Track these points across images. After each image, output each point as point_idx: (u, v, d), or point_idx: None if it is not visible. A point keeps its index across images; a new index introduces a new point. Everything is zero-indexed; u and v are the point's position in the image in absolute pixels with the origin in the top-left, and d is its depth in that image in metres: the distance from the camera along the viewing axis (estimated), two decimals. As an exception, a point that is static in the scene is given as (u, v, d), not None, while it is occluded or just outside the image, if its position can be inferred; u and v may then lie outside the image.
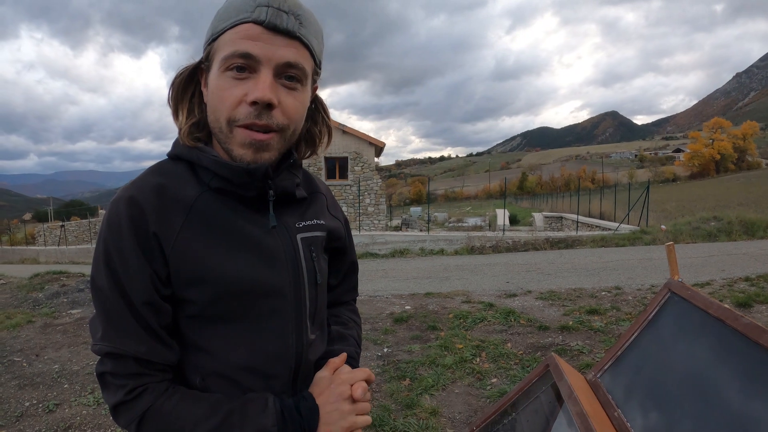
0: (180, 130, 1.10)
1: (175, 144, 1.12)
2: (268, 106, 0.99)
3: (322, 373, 1.16)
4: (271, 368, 1.10)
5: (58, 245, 33.62)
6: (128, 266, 0.99)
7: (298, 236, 1.16)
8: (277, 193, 1.11)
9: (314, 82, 1.13)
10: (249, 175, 1.03)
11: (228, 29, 1.00)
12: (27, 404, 4.71)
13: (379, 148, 25.95)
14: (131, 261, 0.99)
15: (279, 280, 1.10)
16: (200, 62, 1.09)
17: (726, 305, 1.32)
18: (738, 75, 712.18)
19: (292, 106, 1.03)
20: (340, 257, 1.40)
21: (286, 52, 1.00)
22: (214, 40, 1.03)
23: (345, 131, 24.53)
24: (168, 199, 1.03)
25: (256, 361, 1.09)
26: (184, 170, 1.09)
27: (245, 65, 0.98)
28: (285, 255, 1.12)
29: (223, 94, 1.00)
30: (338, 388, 1.11)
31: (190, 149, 1.08)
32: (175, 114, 1.10)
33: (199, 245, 1.03)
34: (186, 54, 1.11)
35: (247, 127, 1.00)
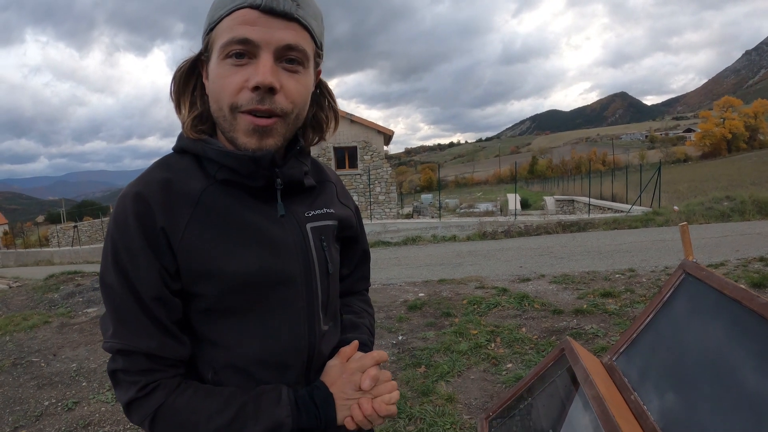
0: (183, 123, 1.09)
1: (180, 137, 1.11)
2: (270, 91, 0.98)
3: (333, 362, 1.15)
4: (283, 360, 1.10)
5: (72, 246, 33.87)
6: (136, 262, 0.98)
7: (308, 225, 1.15)
8: (285, 181, 1.10)
9: (317, 65, 1.11)
10: (255, 163, 1.02)
11: (225, 17, 0.98)
12: (46, 403, 4.76)
13: (387, 137, 25.93)
14: (139, 257, 0.98)
15: (289, 270, 1.09)
16: (200, 54, 1.08)
17: (741, 285, 1.31)
18: (748, 53, 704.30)
19: (295, 89, 1.02)
20: (351, 246, 1.39)
21: (285, 34, 0.98)
22: (212, 29, 1.02)
23: (353, 120, 24.51)
24: (174, 194, 1.02)
25: (268, 353, 1.08)
26: (190, 163, 1.08)
27: (244, 51, 0.97)
28: (294, 245, 1.11)
29: (224, 81, 0.99)
30: (350, 378, 1.10)
31: (195, 141, 1.07)
32: (178, 107, 1.10)
33: (206, 239, 1.02)
34: (191, 50, 1.10)
35: (250, 112, 0.99)
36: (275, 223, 1.09)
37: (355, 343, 1.20)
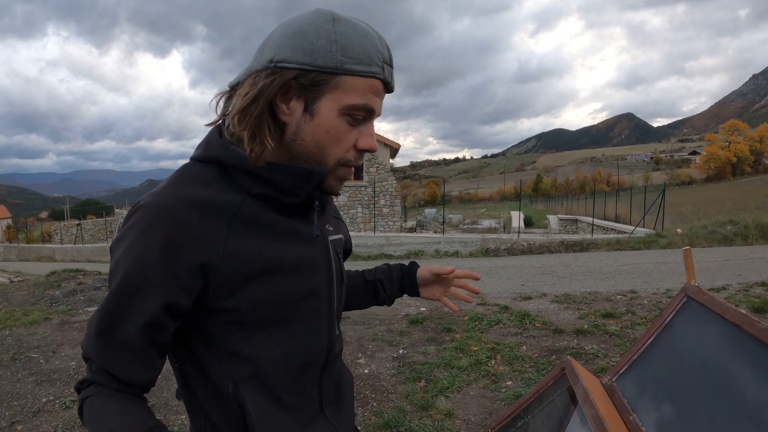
0: (254, 152, 1.00)
1: (209, 146, 1.08)
2: None
3: None
4: (303, 365, 1.13)
5: (74, 243, 33.91)
6: (144, 284, 0.97)
7: (330, 238, 1.20)
8: (321, 203, 1.16)
9: None
10: (307, 178, 1.04)
11: (358, 75, 0.99)
12: (44, 400, 4.77)
13: (394, 150, 25.97)
14: (150, 279, 0.97)
15: (317, 284, 1.14)
16: (293, 78, 0.98)
17: (742, 310, 1.33)
18: (754, 76, 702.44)
19: None
20: (345, 255, 1.43)
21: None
22: (334, 73, 0.97)
23: (360, 133, 24.58)
24: (209, 212, 1.00)
25: (291, 359, 1.10)
26: (218, 174, 1.05)
27: (364, 117, 1.04)
28: (322, 259, 1.15)
29: (341, 137, 1.03)
30: None
31: (230, 150, 1.04)
32: (252, 135, 1.00)
33: (250, 244, 1.02)
34: (212, 54, 1.07)
35: (350, 166, 1.09)
36: (306, 240, 1.12)
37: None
